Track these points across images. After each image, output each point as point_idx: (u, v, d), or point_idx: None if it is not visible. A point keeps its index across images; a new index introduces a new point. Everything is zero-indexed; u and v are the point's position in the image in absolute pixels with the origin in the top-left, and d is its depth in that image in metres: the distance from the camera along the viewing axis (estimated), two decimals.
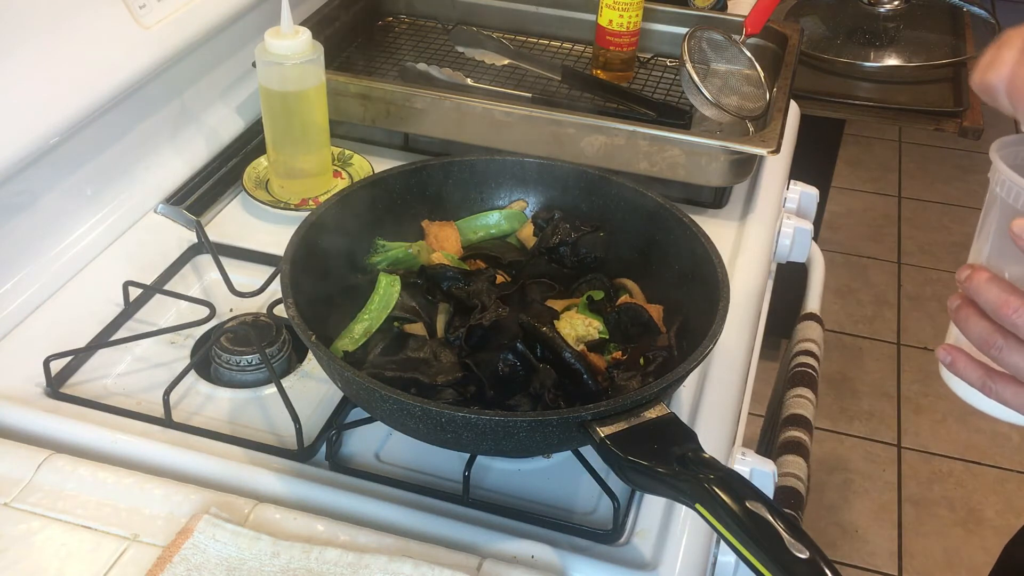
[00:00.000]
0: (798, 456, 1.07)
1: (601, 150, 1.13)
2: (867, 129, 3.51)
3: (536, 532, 0.77)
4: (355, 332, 0.84)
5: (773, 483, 0.89)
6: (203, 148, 1.19)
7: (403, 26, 1.49)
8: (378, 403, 0.74)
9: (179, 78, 1.15)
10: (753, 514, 0.62)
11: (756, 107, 1.22)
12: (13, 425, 0.83)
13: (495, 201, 0.99)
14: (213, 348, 0.90)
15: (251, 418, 0.87)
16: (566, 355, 0.79)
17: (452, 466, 0.82)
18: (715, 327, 0.77)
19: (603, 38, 1.32)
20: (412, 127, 1.19)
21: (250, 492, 0.78)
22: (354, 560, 0.70)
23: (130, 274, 0.98)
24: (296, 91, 1.06)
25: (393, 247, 0.93)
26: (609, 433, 0.69)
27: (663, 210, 0.91)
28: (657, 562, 0.75)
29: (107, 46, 1.01)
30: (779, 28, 1.34)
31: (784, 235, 1.21)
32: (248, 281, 1.00)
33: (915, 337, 2.67)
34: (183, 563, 0.69)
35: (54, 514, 0.74)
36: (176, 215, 1.10)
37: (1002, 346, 0.60)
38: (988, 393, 0.63)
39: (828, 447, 2.34)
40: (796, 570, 0.59)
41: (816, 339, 1.24)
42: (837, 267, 2.91)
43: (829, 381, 2.51)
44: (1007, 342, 0.60)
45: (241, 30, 1.23)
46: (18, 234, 0.96)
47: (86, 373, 0.90)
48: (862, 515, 2.19)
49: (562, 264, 0.95)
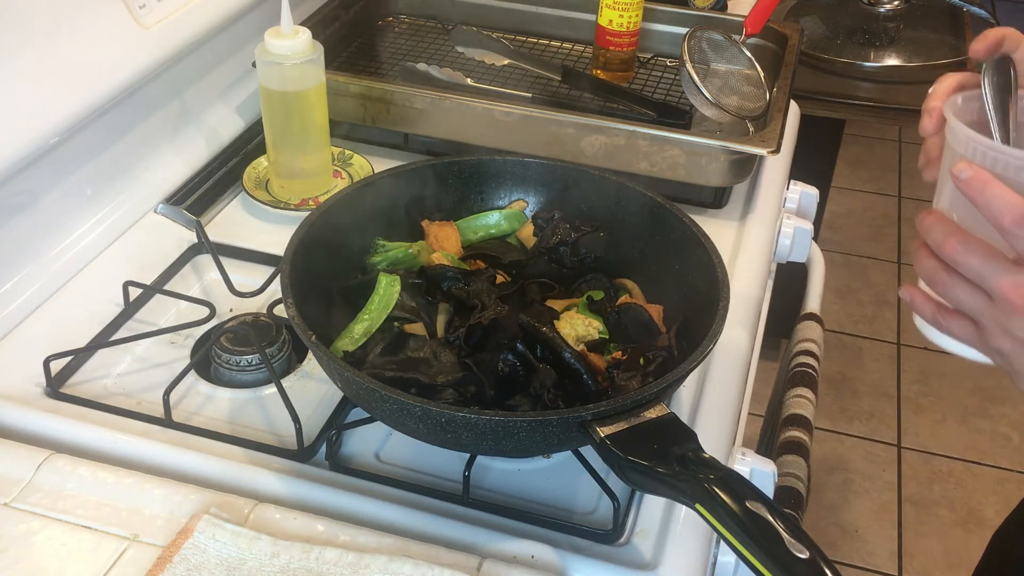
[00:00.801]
0: (798, 456, 1.07)
1: (601, 150, 1.13)
2: (867, 129, 3.51)
3: (536, 532, 0.77)
4: (355, 332, 0.84)
5: (773, 483, 0.89)
6: (203, 148, 1.19)
7: (403, 26, 1.49)
8: (378, 403, 0.74)
9: (179, 78, 1.15)
10: (753, 514, 0.62)
11: (756, 107, 1.21)
12: (13, 425, 0.83)
13: (495, 201, 0.99)
14: (213, 348, 0.90)
15: (251, 418, 0.87)
16: (566, 355, 0.79)
17: (452, 466, 0.82)
18: (715, 327, 0.77)
19: (603, 38, 1.32)
20: (412, 127, 1.19)
21: (250, 492, 0.78)
22: (354, 560, 0.70)
23: (130, 274, 0.98)
24: (296, 91, 1.06)
25: (393, 247, 0.93)
26: (609, 433, 0.69)
27: (663, 210, 0.91)
28: (657, 562, 0.75)
29: (107, 46, 1.01)
30: (779, 28, 1.34)
31: (784, 235, 1.21)
32: (248, 281, 1.00)
33: (915, 337, 2.67)
34: (183, 563, 0.69)
35: (54, 514, 0.74)
36: (176, 215, 1.10)
37: (947, 282, 0.64)
38: (940, 328, 0.67)
39: (828, 447, 2.34)
40: (796, 570, 0.59)
41: (816, 339, 1.24)
42: (837, 267, 2.90)
43: (829, 381, 2.51)
44: (951, 278, 0.64)
45: (241, 30, 1.23)
46: (18, 234, 0.96)
47: (86, 373, 0.90)
48: (862, 515, 2.19)
49: (562, 264, 0.95)
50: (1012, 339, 0.62)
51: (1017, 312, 0.61)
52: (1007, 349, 0.63)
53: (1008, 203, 0.60)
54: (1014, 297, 0.60)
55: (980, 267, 0.62)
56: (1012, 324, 0.62)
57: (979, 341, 0.65)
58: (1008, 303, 0.61)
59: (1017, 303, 0.60)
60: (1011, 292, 0.61)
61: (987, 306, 0.63)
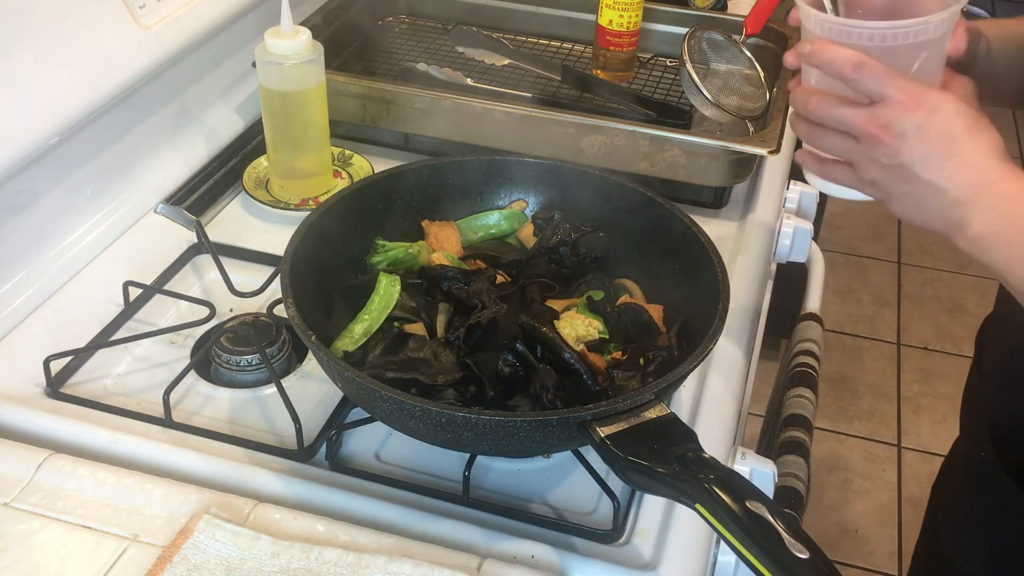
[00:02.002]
0: (798, 456, 1.07)
1: (601, 150, 1.13)
2: None
3: (536, 532, 0.77)
4: (355, 332, 0.84)
5: (773, 483, 0.89)
6: (203, 148, 1.19)
7: (403, 26, 1.49)
8: (378, 403, 0.74)
9: (179, 78, 1.15)
10: (753, 514, 0.62)
11: (756, 107, 1.21)
12: (13, 425, 0.83)
13: (495, 201, 0.99)
14: (213, 348, 0.90)
15: (251, 418, 0.87)
16: (566, 355, 0.79)
17: (452, 466, 0.82)
18: (715, 327, 0.77)
19: (603, 38, 1.32)
20: (412, 127, 1.19)
21: (250, 492, 0.78)
22: (354, 560, 0.70)
23: (130, 274, 0.98)
24: (296, 91, 1.06)
25: (393, 247, 0.93)
26: (609, 433, 0.69)
27: (663, 210, 0.91)
28: (657, 562, 0.75)
29: (107, 46, 1.01)
30: (779, 28, 1.34)
31: (784, 235, 1.21)
32: (248, 281, 0.99)
33: (915, 337, 2.67)
34: (183, 563, 0.69)
35: (54, 514, 0.74)
36: (176, 215, 1.10)
37: (818, 135, 0.75)
38: (825, 177, 0.77)
39: (828, 447, 2.34)
40: (796, 570, 0.59)
41: (816, 339, 1.24)
42: (837, 267, 2.91)
43: (829, 381, 2.51)
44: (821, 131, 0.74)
45: (241, 30, 1.23)
46: (18, 234, 0.96)
47: (86, 373, 0.90)
48: (862, 515, 2.19)
49: (562, 264, 0.95)
50: (879, 167, 0.71)
51: (878, 142, 0.70)
52: (877, 177, 0.72)
53: (844, 58, 0.70)
54: (871, 129, 0.70)
55: (838, 113, 0.72)
56: (875, 153, 0.71)
57: (856, 179, 0.74)
58: (869, 136, 0.70)
59: (875, 133, 0.70)
60: (868, 126, 0.70)
61: (854, 145, 0.72)
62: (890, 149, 0.69)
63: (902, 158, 0.69)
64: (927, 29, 0.72)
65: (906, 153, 0.69)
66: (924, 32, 0.72)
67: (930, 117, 0.68)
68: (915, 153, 0.69)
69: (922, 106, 0.69)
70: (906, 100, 0.69)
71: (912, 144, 0.69)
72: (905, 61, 0.73)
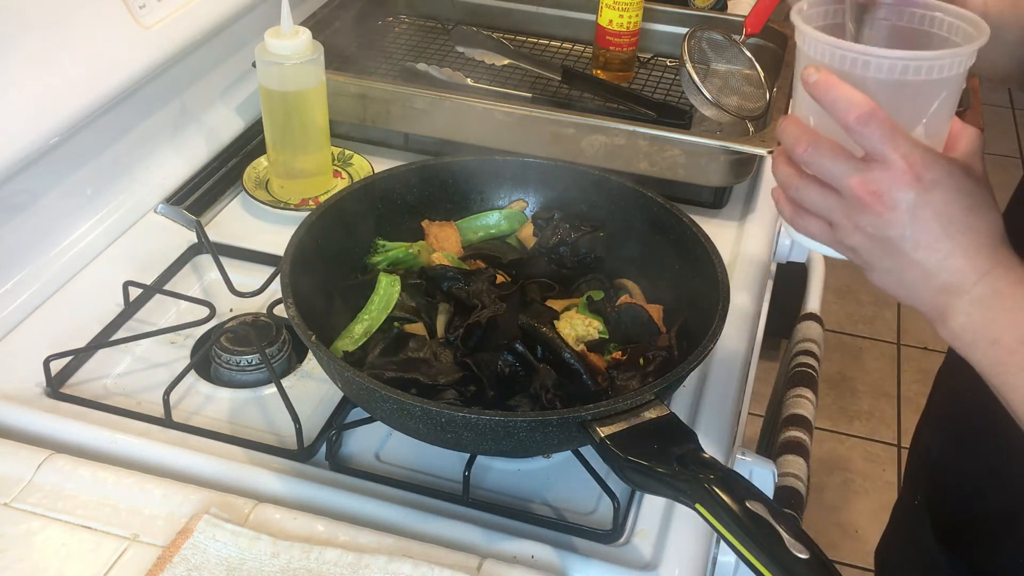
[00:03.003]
0: (798, 456, 1.07)
1: (601, 150, 1.13)
2: None
3: (536, 532, 0.77)
4: (355, 332, 0.84)
5: (773, 483, 0.89)
6: (203, 148, 1.19)
7: (403, 26, 1.49)
8: (378, 403, 0.74)
9: (179, 78, 1.15)
10: (753, 514, 0.62)
11: (756, 107, 1.21)
12: (13, 425, 0.83)
13: (495, 201, 0.99)
14: (213, 348, 0.90)
15: (251, 418, 0.87)
16: (566, 355, 0.79)
17: (452, 466, 0.82)
18: (715, 327, 0.77)
19: (603, 38, 1.32)
20: (412, 127, 1.19)
21: (250, 492, 0.78)
22: (354, 560, 0.70)
23: (130, 274, 0.98)
24: (296, 91, 1.06)
25: (393, 247, 0.93)
26: (609, 433, 0.69)
27: (663, 210, 0.91)
28: (657, 562, 0.75)
29: (107, 46, 1.01)
30: (779, 28, 1.34)
31: (784, 235, 1.21)
32: (248, 281, 0.99)
33: (915, 337, 2.67)
34: (183, 563, 0.69)
35: (54, 514, 0.74)
36: (176, 215, 1.10)
37: (799, 185, 0.66)
38: (798, 228, 0.69)
39: (828, 447, 2.34)
40: (796, 570, 0.59)
41: (816, 339, 1.24)
42: (837, 267, 2.90)
43: (829, 381, 2.50)
44: (802, 181, 0.66)
45: (241, 30, 1.23)
46: (18, 234, 0.96)
47: (86, 373, 0.90)
48: (862, 515, 2.19)
49: (562, 264, 0.95)
50: (862, 235, 0.64)
51: (866, 208, 0.63)
52: (858, 244, 0.65)
53: (853, 102, 0.61)
54: (861, 193, 0.62)
55: (830, 166, 0.64)
56: (861, 220, 0.64)
57: (833, 240, 0.67)
58: (857, 200, 0.63)
59: (865, 199, 0.62)
60: (859, 189, 0.62)
61: (838, 204, 0.65)
62: (879, 219, 0.63)
63: (891, 232, 0.63)
64: (954, 63, 0.63)
65: (896, 228, 0.62)
66: (950, 66, 0.62)
67: (929, 193, 0.62)
68: (906, 229, 0.62)
69: (922, 180, 0.61)
70: (907, 169, 0.61)
71: (904, 219, 0.62)
72: (923, 100, 0.64)
